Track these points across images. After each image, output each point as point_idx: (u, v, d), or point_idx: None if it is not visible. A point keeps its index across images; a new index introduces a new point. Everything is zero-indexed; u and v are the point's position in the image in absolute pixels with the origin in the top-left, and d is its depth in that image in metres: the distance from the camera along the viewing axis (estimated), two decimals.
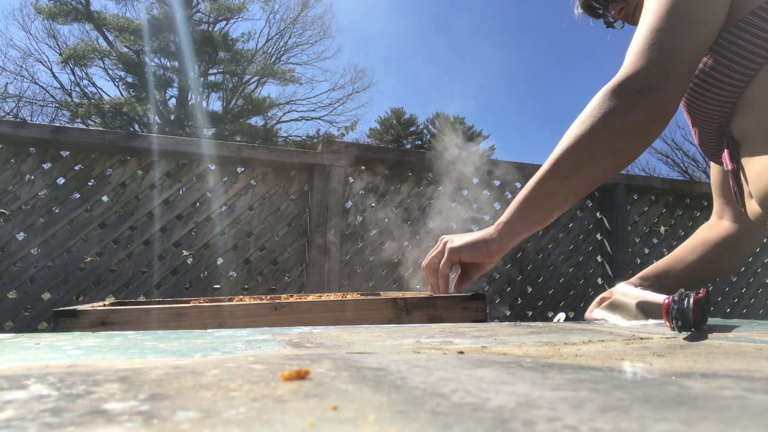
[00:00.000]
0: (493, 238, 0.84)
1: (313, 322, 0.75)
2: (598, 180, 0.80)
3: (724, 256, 1.03)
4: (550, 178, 0.80)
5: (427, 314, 0.79)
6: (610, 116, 0.75)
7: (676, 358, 0.36)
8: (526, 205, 0.83)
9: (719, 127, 0.84)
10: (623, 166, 0.81)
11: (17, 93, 15.67)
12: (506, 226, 0.84)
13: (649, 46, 0.74)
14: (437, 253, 0.90)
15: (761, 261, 3.08)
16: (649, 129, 0.76)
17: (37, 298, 2.02)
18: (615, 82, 0.76)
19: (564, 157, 0.79)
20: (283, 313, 0.75)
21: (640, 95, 0.74)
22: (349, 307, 0.77)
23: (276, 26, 17.98)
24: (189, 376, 0.28)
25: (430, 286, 0.91)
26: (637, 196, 2.96)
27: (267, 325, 0.74)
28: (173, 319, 0.71)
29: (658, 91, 0.73)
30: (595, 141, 0.76)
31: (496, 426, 0.18)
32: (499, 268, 2.67)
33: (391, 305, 0.79)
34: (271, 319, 0.74)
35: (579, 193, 0.82)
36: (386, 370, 0.30)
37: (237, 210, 2.31)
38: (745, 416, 0.20)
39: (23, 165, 2.05)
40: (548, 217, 0.83)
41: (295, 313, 0.76)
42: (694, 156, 19.31)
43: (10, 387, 0.25)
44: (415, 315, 0.79)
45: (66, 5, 15.61)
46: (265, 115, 18.34)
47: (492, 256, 0.85)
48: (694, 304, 0.49)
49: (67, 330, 0.67)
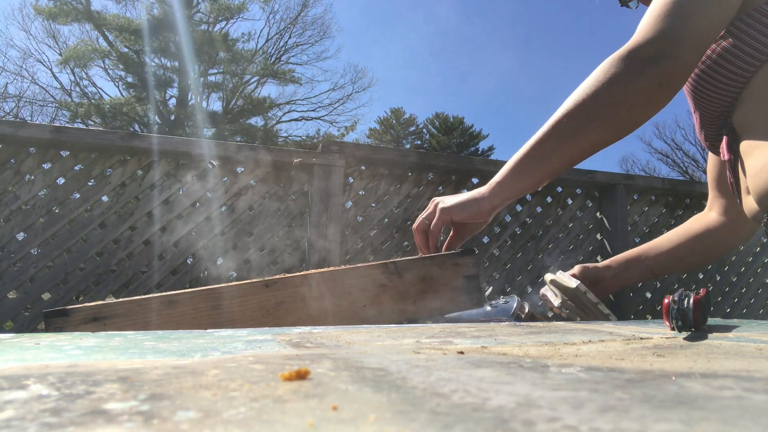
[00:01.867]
0: (485, 197, 0.84)
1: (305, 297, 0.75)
2: (596, 146, 0.78)
3: (698, 249, 1.05)
4: (548, 140, 0.79)
5: (418, 275, 0.79)
6: (615, 81, 0.74)
7: (676, 358, 0.36)
8: (521, 166, 0.81)
9: (721, 115, 0.84)
10: (623, 134, 0.79)
11: (17, 93, 15.67)
12: (499, 186, 0.83)
13: (663, 16, 0.73)
14: (428, 214, 0.89)
15: (761, 261, 3.08)
16: (653, 97, 0.74)
17: (37, 298, 2.02)
18: (625, 48, 0.75)
19: (563, 120, 0.77)
20: (276, 290, 0.74)
21: (649, 62, 0.72)
22: (340, 277, 0.77)
23: (276, 26, 18.00)
24: (189, 376, 0.28)
25: (420, 247, 0.90)
26: (637, 196, 2.96)
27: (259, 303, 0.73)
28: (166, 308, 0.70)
29: (669, 59, 0.72)
30: (597, 105, 0.75)
31: (496, 426, 0.18)
32: (499, 268, 2.67)
33: (382, 270, 0.78)
34: (263, 296, 0.74)
35: (576, 158, 0.80)
36: (386, 370, 0.30)
37: (237, 210, 2.31)
38: (745, 416, 0.20)
39: (23, 165, 2.04)
40: (543, 179, 0.82)
41: (287, 288, 0.75)
42: (694, 156, 19.28)
43: (10, 387, 0.25)
44: (407, 277, 0.79)
45: (66, 5, 15.60)
46: (265, 115, 18.35)
47: (484, 216, 0.84)
48: (694, 304, 0.49)
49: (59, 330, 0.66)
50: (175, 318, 0.70)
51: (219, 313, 0.72)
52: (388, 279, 0.78)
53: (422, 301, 0.79)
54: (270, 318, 0.74)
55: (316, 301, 0.76)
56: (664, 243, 1.07)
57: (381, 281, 0.78)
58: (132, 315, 0.69)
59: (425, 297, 0.79)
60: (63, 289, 2.05)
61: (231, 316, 0.72)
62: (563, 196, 2.78)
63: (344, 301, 0.76)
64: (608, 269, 1.05)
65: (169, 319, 0.70)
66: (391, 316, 0.78)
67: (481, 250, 2.53)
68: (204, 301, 0.72)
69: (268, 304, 0.74)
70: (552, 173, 0.81)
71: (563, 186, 2.74)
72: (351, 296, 0.77)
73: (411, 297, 0.79)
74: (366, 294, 0.77)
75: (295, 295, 0.75)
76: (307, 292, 0.75)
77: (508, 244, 2.58)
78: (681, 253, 1.05)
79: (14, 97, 15.52)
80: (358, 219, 2.49)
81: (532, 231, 2.66)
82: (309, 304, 0.75)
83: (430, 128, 25.17)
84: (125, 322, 0.69)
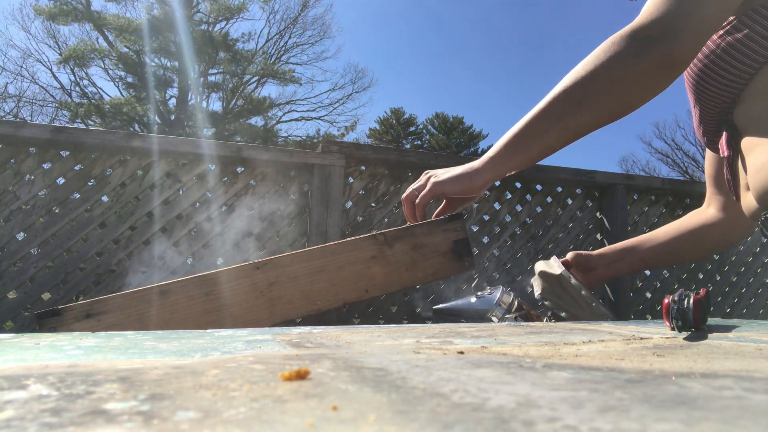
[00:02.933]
0: (478, 171, 0.83)
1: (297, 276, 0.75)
2: (591, 125, 0.77)
3: (692, 245, 1.05)
4: (543, 117, 0.78)
5: (408, 244, 0.79)
6: (614, 60, 0.73)
7: (676, 358, 0.36)
8: (515, 142, 0.81)
9: (721, 111, 0.83)
10: (619, 115, 0.78)
11: (17, 93, 15.67)
12: (492, 161, 0.83)
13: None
14: (419, 186, 0.88)
15: (761, 261, 3.08)
16: (652, 79, 0.73)
17: (37, 298, 2.02)
18: (628, 27, 0.74)
19: (559, 98, 0.77)
20: (267, 271, 0.75)
21: (651, 42, 0.71)
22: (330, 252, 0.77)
23: (276, 26, 18.00)
24: (189, 376, 0.28)
25: (407, 216, 0.89)
26: (637, 196, 2.96)
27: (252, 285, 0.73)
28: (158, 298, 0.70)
29: (672, 41, 0.71)
30: (594, 84, 0.74)
31: (496, 426, 0.18)
32: (499, 268, 2.67)
33: (371, 242, 0.78)
34: (255, 278, 0.74)
35: (570, 137, 0.79)
36: (386, 370, 0.30)
37: (237, 210, 2.31)
38: (745, 416, 0.20)
39: (23, 165, 2.04)
40: (536, 157, 0.82)
41: (278, 268, 0.75)
42: (694, 156, 19.29)
43: (10, 387, 0.25)
44: (397, 247, 0.79)
45: (66, 5, 15.60)
46: (265, 115, 18.35)
47: (476, 191, 0.84)
48: (694, 304, 0.49)
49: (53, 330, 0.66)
50: (169, 307, 0.70)
51: (212, 298, 0.72)
52: (379, 250, 0.78)
53: (415, 268, 0.79)
54: (264, 299, 0.74)
55: (307, 278, 0.75)
56: (660, 236, 1.08)
57: (372, 253, 0.78)
58: (125, 308, 0.69)
59: (417, 264, 0.79)
60: (63, 289, 2.05)
61: (225, 301, 0.72)
62: (563, 196, 2.78)
63: (336, 276, 0.76)
64: (602, 258, 1.05)
65: (163, 308, 0.70)
66: (385, 287, 0.78)
67: (481, 250, 2.53)
68: (196, 288, 0.72)
69: (261, 285, 0.74)
70: (546, 149, 0.80)
71: (563, 186, 2.75)
72: (343, 271, 0.77)
73: (404, 265, 0.79)
74: (358, 267, 0.77)
75: (287, 275, 0.75)
76: (298, 270, 0.75)
77: (508, 244, 2.58)
78: (675, 246, 1.05)
79: (14, 97, 15.52)
80: (358, 219, 2.49)
81: (532, 231, 2.66)
82: (301, 282, 0.75)
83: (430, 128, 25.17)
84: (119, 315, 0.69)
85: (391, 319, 2.35)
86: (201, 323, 0.71)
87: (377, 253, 0.78)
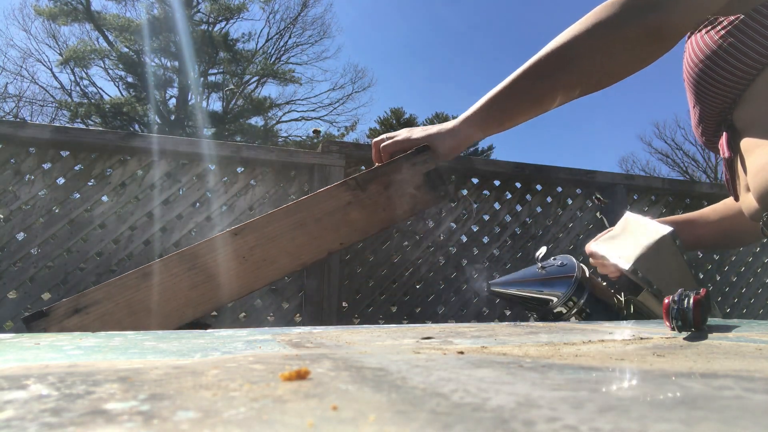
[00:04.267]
0: (451, 131, 0.82)
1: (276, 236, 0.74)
2: (572, 90, 0.76)
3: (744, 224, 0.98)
4: (524, 77, 0.77)
5: (381, 183, 0.79)
6: (600, 26, 0.71)
7: (676, 358, 0.36)
8: (493, 101, 0.79)
9: (722, 112, 0.83)
10: (601, 82, 0.76)
11: (17, 93, 15.68)
12: (467, 121, 0.81)
13: None
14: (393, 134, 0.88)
15: (761, 261, 3.08)
16: (638, 49, 0.72)
17: (37, 298, 2.02)
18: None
19: (542, 58, 0.75)
20: (245, 235, 0.74)
21: (641, 10, 0.70)
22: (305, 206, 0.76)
23: (276, 26, 18.01)
24: (189, 376, 0.28)
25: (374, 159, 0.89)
26: (637, 196, 2.96)
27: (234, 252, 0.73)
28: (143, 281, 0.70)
29: (662, 11, 0.69)
30: (576, 48, 0.73)
31: (496, 426, 0.18)
32: (499, 268, 2.66)
33: (344, 188, 0.78)
34: (236, 245, 0.74)
35: (550, 100, 0.77)
36: (386, 370, 0.30)
37: (237, 210, 2.31)
38: (745, 416, 0.20)
39: (23, 165, 2.04)
40: (515, 118, 0.80)
41: (256, 231, 0.75)
42: (694, 156, 19.29)
43: (10, 387, 0.25)
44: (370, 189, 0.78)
45: (66, 5, 15.60)
46: (265, 115, 18.35)
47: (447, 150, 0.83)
48: (694, 304, 0.49)
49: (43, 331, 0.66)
50: (156, 288, 0.70)
51: (197, 272, 0.72)
52: (353, 195, 0.78)
53: (392, 206, 0.79)
54: (248, 263, 0.73)
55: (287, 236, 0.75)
56: (710, 213, 1.02)
57: (347, 199, 0.78)
58: (111, 297, 0.69)
59: (394, 202, 0.79)
60: (63, 289, 2.05)
61: (210, 272, 0.72)
62: (563, 196, 2.77)
63: (316, 228, 0.76)
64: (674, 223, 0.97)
65: (150, 290, 0.70)
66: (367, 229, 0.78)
67: (481, 250, 2.53)
68: (179, 264, 0.72)
69: (242, 250, 0.74)
70: (524, 111, 0.78)
71: (563, 186, 2.74)
72: (321, 222, 0.77)
73: (380, 206, 0.79)
74: (336, 216, 0.77)
75: (266, 236, 0.74)
76: (276, 230, 0.75)
77: (508, 244, 2.58)
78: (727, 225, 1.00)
79: (14, 97, 15.53)
80: None
81: (532, 231, 2.66)
82: (281, 240, 0.75)
83: None
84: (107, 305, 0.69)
85: (391, 319, 2.35)
86: (190, 298, 0.71)
87: (352, 198, 0.78)
